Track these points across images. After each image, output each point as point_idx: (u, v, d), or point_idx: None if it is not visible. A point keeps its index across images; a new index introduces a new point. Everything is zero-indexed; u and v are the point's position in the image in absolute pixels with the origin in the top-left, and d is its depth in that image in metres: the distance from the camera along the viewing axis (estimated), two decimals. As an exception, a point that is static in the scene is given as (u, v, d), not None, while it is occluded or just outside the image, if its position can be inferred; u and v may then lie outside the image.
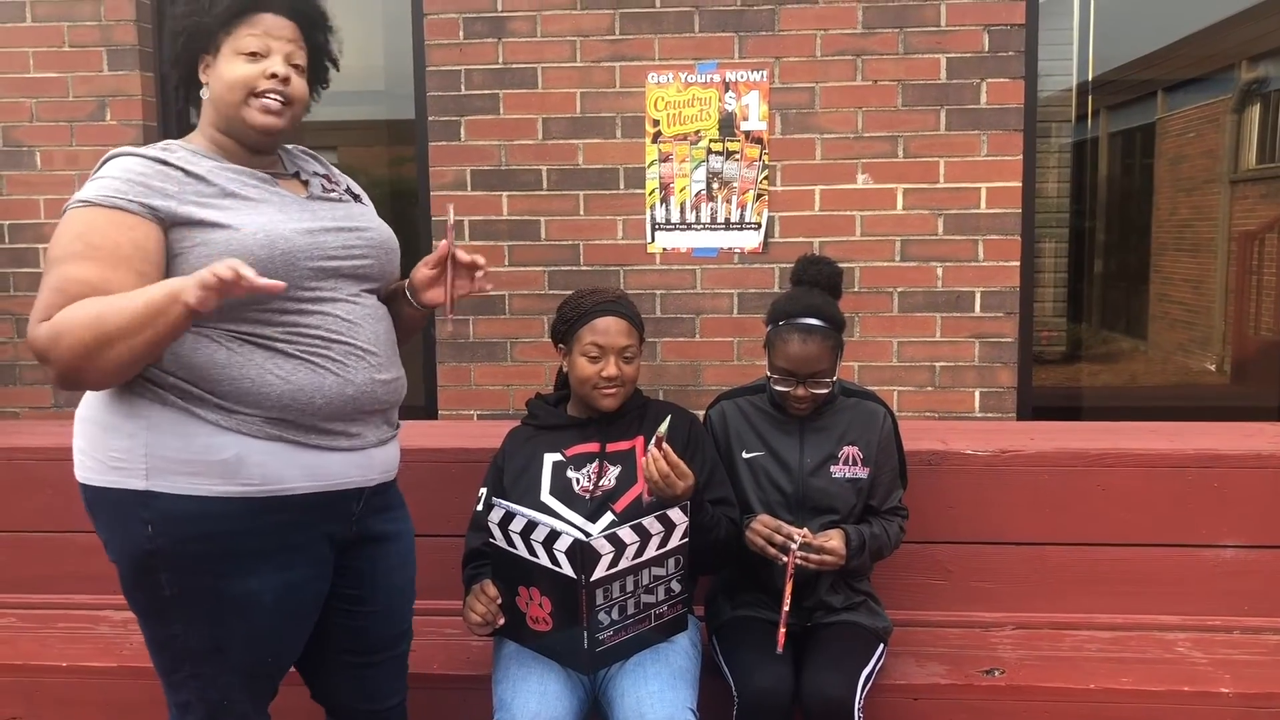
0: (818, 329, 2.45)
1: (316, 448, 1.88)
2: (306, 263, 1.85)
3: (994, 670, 2.65)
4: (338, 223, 1.95)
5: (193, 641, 1.88)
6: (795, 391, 2.47)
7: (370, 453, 1.98)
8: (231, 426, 1.80)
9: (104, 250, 1.73)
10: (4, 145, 3.83)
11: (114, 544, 1.86)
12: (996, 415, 3.67)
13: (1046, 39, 3.72)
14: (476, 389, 3.81)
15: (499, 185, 3.73)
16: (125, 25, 3.76)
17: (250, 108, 1.88)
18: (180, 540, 1.80)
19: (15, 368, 3.93)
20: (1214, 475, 2.89)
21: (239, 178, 1.88)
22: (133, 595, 1.89)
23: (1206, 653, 2.75)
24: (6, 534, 3.17)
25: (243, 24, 1.88)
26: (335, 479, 1.92)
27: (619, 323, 2.41)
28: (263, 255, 1.79)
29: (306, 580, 1.93)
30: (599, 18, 3.63)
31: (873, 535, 2.50)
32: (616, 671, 2.27)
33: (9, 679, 2.80)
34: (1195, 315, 5.35)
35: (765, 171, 3.64)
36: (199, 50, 1.91)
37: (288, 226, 1.85)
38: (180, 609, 1.85)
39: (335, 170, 2.15)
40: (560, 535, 2.08)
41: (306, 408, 1.84)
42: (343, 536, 2.00)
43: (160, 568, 1.82)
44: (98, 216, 1.75)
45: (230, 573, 1.83)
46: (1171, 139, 5.47)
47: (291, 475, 1.85)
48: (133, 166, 1.80)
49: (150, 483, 1.79)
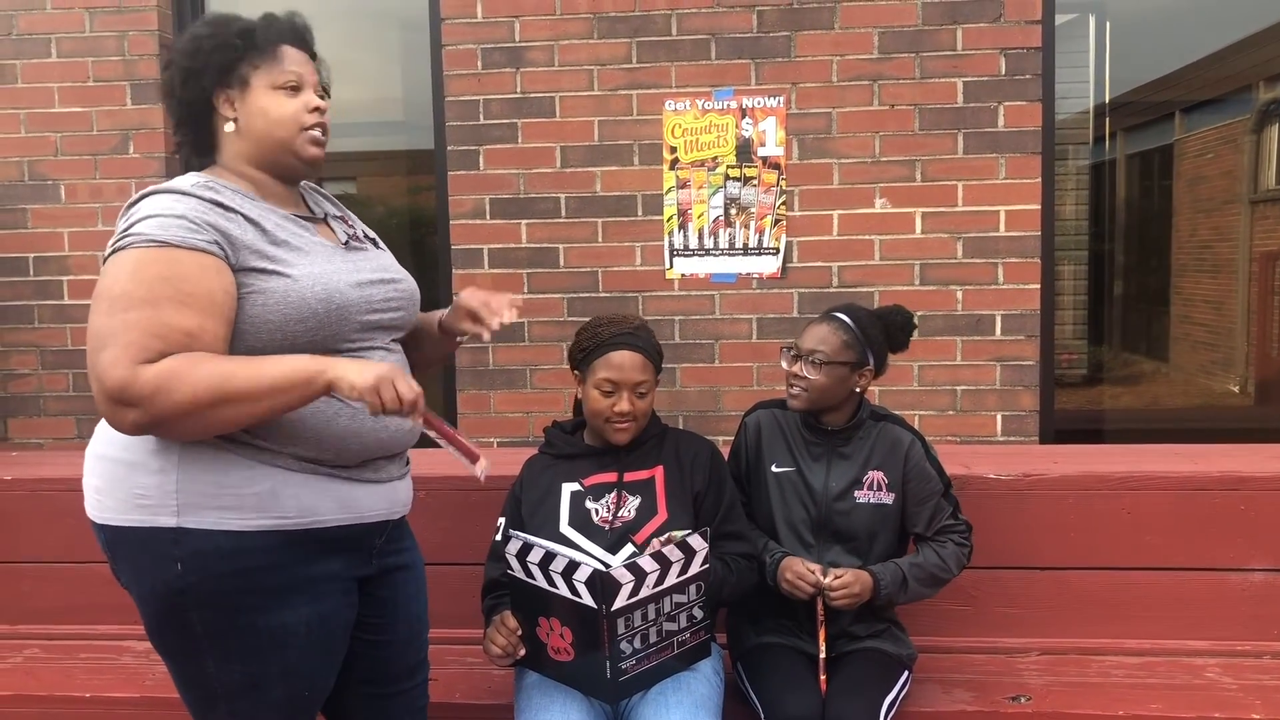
0: (838, 320, 2.51)
1: (347, 480, 1.87)
2: (357, 316, 1.85)
3: (1020, 697, 2.62)
4: (378, 274, 1.94)
5: (227, 678, 1.84)
6: (791, 367, 2.50)
7: (395, 485, 1.98)
8: (265, 460, 1.79)
9: (198, 296, 1.69)
10: (29, 179, 3.88)
11: (140, 584, 1.82)
12: (1019, 439, 3.64)
13: (1064, 61, 3.72)
14: (497, 416, 3.82)
15: (518, 214, 3.75)
16: (148, 60, 3.81)
17: (301, 141, 1.89)
18: (212, 576, 1.77)
19: (40, 399, 3.96)
20: (1240, 498, 2.86)
21: (285, 224, 1.86)
22: (161, 635, 1.85)
23: (1236, 678, 2.71)
24: (30, 564, 3.19)
25: (275, 56, 1.88)
26: (365, 512, 1.91)
27: (634, 357, 2.38)
28: (320, 310, 1.79)
29: (337, 610, 1.91)
30: (616, 46, 3.66)
31: (915, 565, 2.48)
32: (638, 701, 2.26)
33: (33, 709, 2.80)
34: (1217, 336, 5.32)
35: (783, 197, 3.64)
36: (216, 85, 1.87)
37: (340, 280, 1.84)
38: (213, 646, 1.82)
39: (345, 209, 2.14)
40: (579, 565, 2.07)
41: (344, 452, 1.85)
42: (364, 574, 1.98)
43: (190, 606, 1.78)
44: (184, 259, 1.70)
45: (264, 607, 1.80)
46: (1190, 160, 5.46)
47: (325, 507, 1.84)
48: (196, 207, 1.76)
49: (181, 519, 1.75)
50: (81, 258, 3.86)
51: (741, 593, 2.45)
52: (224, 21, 1.89)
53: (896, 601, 2.49)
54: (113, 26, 3.82)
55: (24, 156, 3.87)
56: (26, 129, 3.87)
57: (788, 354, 2.55)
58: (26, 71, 3.85)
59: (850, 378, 2.51)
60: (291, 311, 1.77)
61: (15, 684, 2.87)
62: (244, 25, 1.88)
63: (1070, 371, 4.67)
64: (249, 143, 1.89)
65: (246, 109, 1.88)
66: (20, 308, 3.93)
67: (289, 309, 1.77)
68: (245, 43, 1.86)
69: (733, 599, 2.47)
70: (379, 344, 1.93)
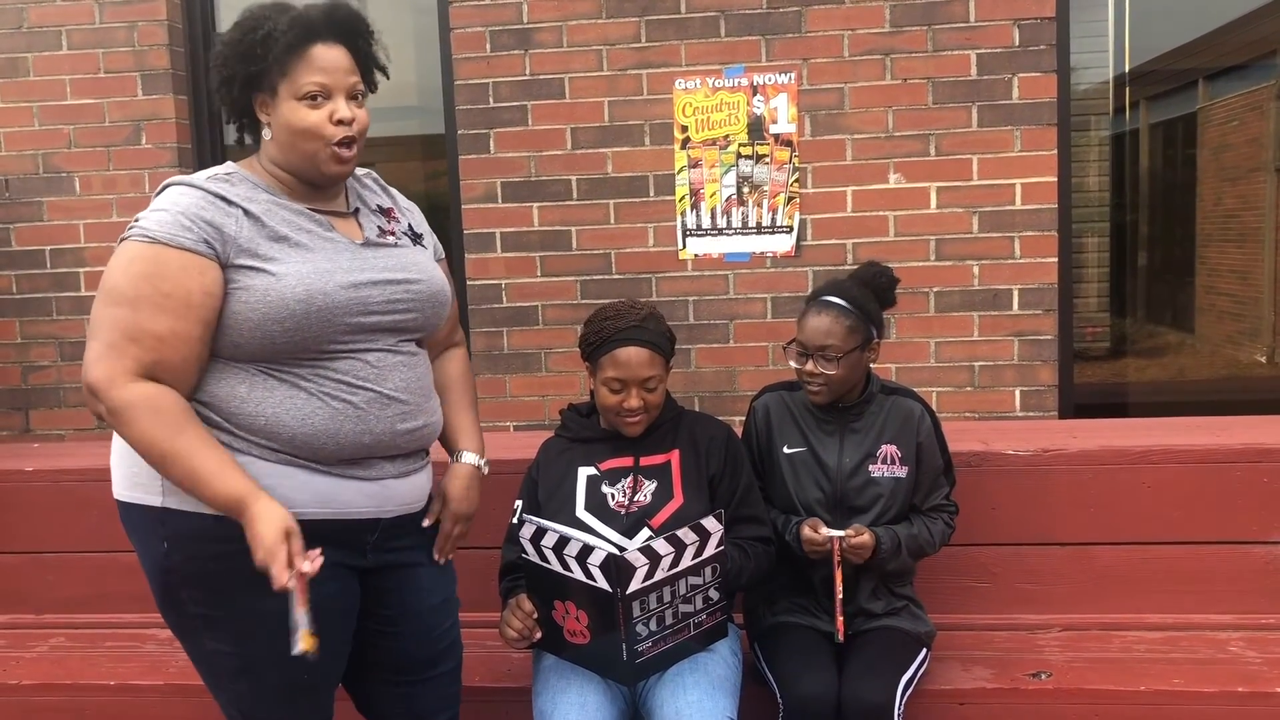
0: (834, 305, 2.45)
1: (329, 475, 1.87)
2: (344, 318, 1.83)
3: (1041, 673, 2.61)
4: (387, 274, 1.91)
5: (225, 659, 1.89)
6: (804, 366, 2.45)
7: (388, 484, 1.95)
8: (242, 449, 1.81)
9: (175, 299, 1.74)
10: (44, 171, 3.90)
11: (143, 559, 1.91)
12: (1038, 414, 3.61)
13: (1082, 31, 3.67)
14: (512, 400, 3.82)
15: (529, 196, 3.74)
16: (158, 50, 3.81)
17: (323, 156, 1.85)
18: (194, 558, 1.82)
19: (59, 390, 3.99)
20: (1264, 470, 2.82)
21: (294, 219, 1.85)
22: (164, 611, 1.92)
23: (1261, 652, 2.68)
24: (54, 554, 3.22)
25: (298, 63, 1.81)
26: (346, 508, 1.90)
27: (640, 353, 2.32)
28: (298, 310, 1.78)
29: (331, 596, 1.87)
30: (624, 26, 3.63)
31: (910, 536, 2.47)
32: (655, 682, 2.26)
33: (59, 698, 2.84)
34: (1243, 306, 5.26)
35: (796, 174, 3.61)
36: (253, 91, 1.85)
37: (332, 281, 1.82)
38: (205, 625, 1.87)
39: (401, 202, 2.11)
40: (594, 550, 2.06)
41: (319, 451, 1.85)
42: (359, 565, 1.97)
43: (180, 585, 1.84)
44: (169, 258, 1.74)
45: (247, 591, 1.79)
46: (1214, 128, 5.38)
47: (302, 500, 1.83)
48: (198, 202, 1.78)
49: (165, 500, 1.82)
50: (98, 249, 3.87)
51: (760, 577, 2.44)
52: (252, 24, 1.82)
53: (883, 568, 2.46)
54: (123, 17, 3.82)
55: (38, 149, 3.89)
56: (40, 122, 3.88)
57: (795, 353, 2.48)
58: (38, 64, 3.86)
59: (863, 357, 2.49)
60: (270, 311, 1.78)
61: (42, 673, 2.91)
62: (267, 30, 1.80)
63: (1094, 345, 4.62)
64: (278, 149, 1.88)
65: (276, 118, 1.86)
66: (38, 300, 3.96)
67: (267, 308, 1.78)
68: (266, 50, 1.80)
69: (752, 584, 2.46)
70: (380, 346, 1.90)
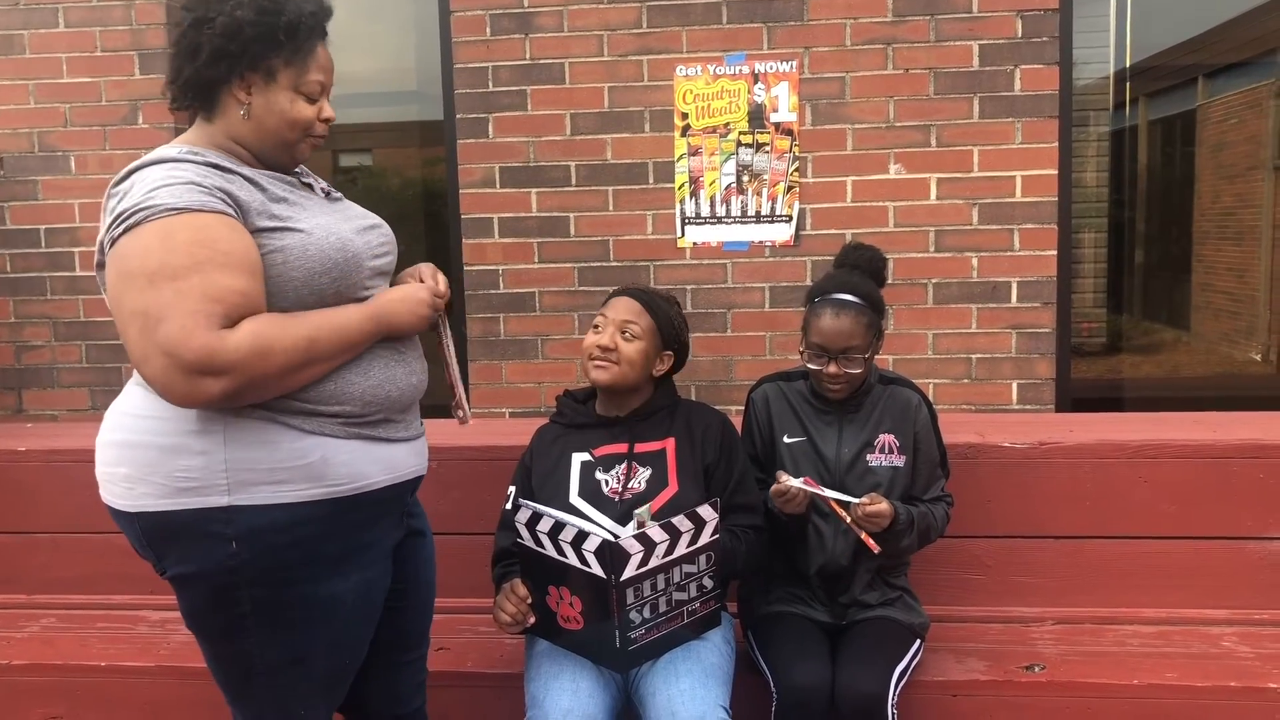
0: (851, 304, 2.43)
1: (387, 440, 1.88)
2: (367, 262, 1.86)
3: (1035, 666, 2.61)
4: (365, 220, 1.95)
5: (270, 655, 1.82)
6: (827, 369, 2.44)
7: (422, 440, 2.01)
8: (313, 429, 1.77)
9: (236, 256, 1.66)
10: (39, 150, 3.87)
11: (186, 567, 1.78)
12: (1035, 407, 3.60)
13: (1084, 25, 3.66)
14: (508, 386, 3.80)
15: (528, 182, 3.72)
16: (155, 29, 3.78)
17: (301, 146, 1.88)
18: (269, 550, 1.75)
19: (53, 370, 3.97)
20: (1260, 466, 2.82)
21: (277, 183, 1.84)
22: (204, 617, 1.83)
23: (1254, 647, 2.68)
24: (46, 535, 3.21)
25: (310, 58, 1.82)
26: (402, 470, 1.93)
27: (628, 301, 2.43)
28: (339, 259, 1.79)
29: (380, 576, 1.92)
30: (626, 11, 3.61)
31: (921, 514, 2.47)
32: (648, 669, 2.26)
33: (50, 679, 2.83)
34: (1240, 304, 5.26)
35: (796, 163, 3.60)
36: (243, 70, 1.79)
37: (344, 228, 1.84)
38: (259, 625, 1.79)
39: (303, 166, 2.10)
40: (588, 535, 2.06)
41: (385, 401, 1.85)
42: (398, 535, 2.00)
43: (242, 584, 1.75)
44: (210, 222, 1.66)
45: (319, 577, 1.79)
46: (1213, 125, 5.38)
47: (372, 471, 1.84)
48: (199, 170, 1.72)
49: (233, 498, 1.72)
50: (92, 229, 3.83)
51: (754, 565, 2.44)
52: (275, 7, 1.78)
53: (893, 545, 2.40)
54: (120, -5, 3.79)
55: (34, 128, 3.86)
56: (35, 100, 3.85)
57: (816, 357, 2.45)
58: (34, 42, 3.83)
59: (877, 349, 2.51)
60: (314, 265, 1.76)
61: (32, 653, 2.90)
62: (290, 19, 1.78)
63: (1090, 340, 4.62)
64: (251, 130, 1.83)
65: (264, 101, 1.82)
66: (32, 280, 3.93)
67: (311, 263, 1.76)
68: (290, 37, 1.79)
69: (746, 572, 2.46)
70: (379, 289, 1.93)
